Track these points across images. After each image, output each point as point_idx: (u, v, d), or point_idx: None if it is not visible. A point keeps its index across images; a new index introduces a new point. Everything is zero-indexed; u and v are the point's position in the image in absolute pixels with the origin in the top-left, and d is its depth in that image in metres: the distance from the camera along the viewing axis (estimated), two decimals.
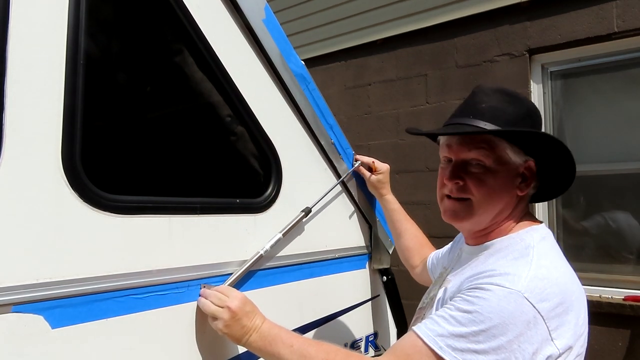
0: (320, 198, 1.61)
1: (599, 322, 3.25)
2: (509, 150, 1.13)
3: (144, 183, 1.77)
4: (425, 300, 1.34)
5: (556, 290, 1.01)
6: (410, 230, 1.81)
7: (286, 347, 1.14)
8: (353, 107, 4.62)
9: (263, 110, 1.49)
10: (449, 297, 1.14)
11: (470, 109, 1.16)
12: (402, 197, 1.87)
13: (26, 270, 0.96)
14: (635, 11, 3.25)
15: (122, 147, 1.96)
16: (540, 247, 1.10)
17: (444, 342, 0.98)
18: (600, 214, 3.53)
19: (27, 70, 0.98)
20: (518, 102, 1.17)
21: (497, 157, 1.12)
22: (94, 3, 1.13)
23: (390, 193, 1.83)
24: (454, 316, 1.00)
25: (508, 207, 1.17)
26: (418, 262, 1.77)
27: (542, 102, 3.70)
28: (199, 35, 1.32)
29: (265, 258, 1.46)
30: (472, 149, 1.13)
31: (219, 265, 1.34)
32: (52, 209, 1.01)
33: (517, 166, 1.15)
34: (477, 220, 1.17)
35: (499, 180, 1.13)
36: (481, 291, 1.01)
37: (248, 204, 1.44)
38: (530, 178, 1.16)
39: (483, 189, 1.13)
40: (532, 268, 1.02)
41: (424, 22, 4.14)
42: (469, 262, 1.20)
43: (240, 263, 1.38)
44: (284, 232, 1.47)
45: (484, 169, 1.13)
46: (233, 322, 1.17)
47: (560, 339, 0.99)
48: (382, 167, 1.81)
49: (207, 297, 1.23)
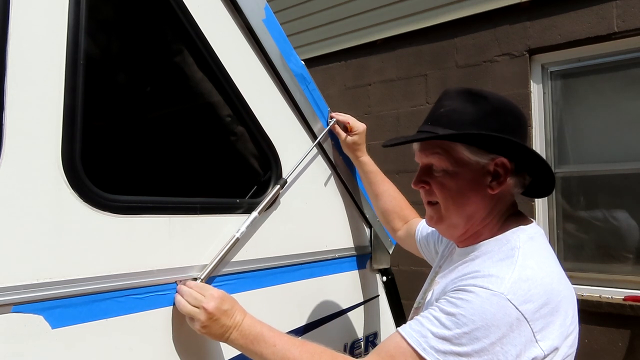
0: (295, 166, 1.55)
1: (599, 322, 3.24)
2: (465, 151, 1.12)
3: (144, 183, 1.77)
4: (420, 301, 1.34)
5: (541, 291, 1.00)
6: (389, 191, 1.76)
7: (269, 347, 1.11)
8: (353, 107, 4.62)
9: (263, 110, 1.49)
10: (435, 298, 1.14)
11: (431, 116, 1.19)
12: None
13: (26, 270, 0.96)
14: (635, 11, 3.25)
15: (122, 147, 1.96)
16: (526, 247, 1.09)
17: (427, 344, 0.99)
18: (600, 214, 3.53)
19: (27, 70, 0.98)
20: (482, 102, 1.15)
21: (455, 160, 1.13)
22: (94, 3, 1.13)
23: (366, 154, 1.77)
24: (437, 317, 1.01)
25: (482, 207, 1.16)
26: (400, 225, 1.75)
27: (542, 102, 3.70)
28: (199, 35, 1.32)
29: (266, 259, 1.46)
30: (428, 154, 1.17)
31: (219, 265, 1.33)
32: (52, 209, 1.01)
33: (483, 165, 1.13)
34: (449, 223, 1.18)
35: (460, 182, 1.14)
36: (465, 293, 1.01)
37: (248, 204, 1.44)
38: (504, 175, 1.14)
39: (445, 192, 1.15)
40: (516, 269, 1.02)
41: (424, 22, 4.14)
42: (457, 264, 1.19)
43: (240, 263, 1.38)
44: (260, 210, 1.41)
45: (444, 172, 1.15)
46: (210, 323, 1.13)
47: (545, 340, 0.99)
48: (358, 127, 1.74)
49: (183, 295, 1.18)
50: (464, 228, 1.18)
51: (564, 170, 3.65)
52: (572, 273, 3.35)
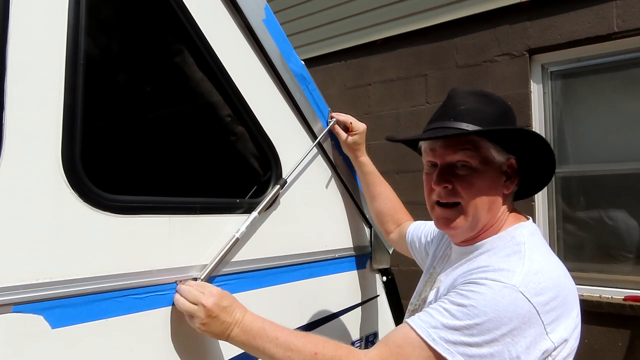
0: (295, 166, 1.55)
1: (599, 322, 3.24)
2: (492, 150, 1.13)
3: (144, 183, 1.77)
4: (417, 302, 1.33)
5: (550, 284, 1.01)
6: (385, 193, 1.77)
7: (271, 341, 1.10)
8: (353, 107, 4.62)
9: (263, 110, 1.49)
10: (442, 294, 1.14)
11: (449, 112, 1.16)
12: (402, 197, 1.86)
13: (26, 270, 0.96)
14: (635, 11, 3.25)
15: (122, 147, 1.96)
16: (531, 242, 1.11)
17: (437, 335, 0.98)
18: (600, 214, 3.53)
19: (27, 70, 0.98)
20: (494, 102, 1.18)
21: (483, 158, 1.13)
22: (94, 3, 1.13)
23: (365, 155, 1.77)
24: (448, 309, 1.01)
25: (496, 206, 1.17)
26: (393, 227, 1.75)
27: (542, 102, 3.70)
28: (198, 35, 1.32)
29: (266, 259, 1.46)
30: (457, 150, 1.13)
31: (219, 265, 1.33)
32: (52, 209, 1.01)
33: (501, 165, 1.16)
34: (470, 224, 1.16)
35: (486, 181, 1.13)
36: (476, 285, 1.01)
37: (248, 204, 1.44)
38: (513, 176, 1.18)
39: (472, 191, 1.13)
40: (525, 263, 1.03)
41: (424, 22, 4.14)
42: (460, 262, 1.20)
43: (240, 263, 1.38)
44: (260, 210, 1.41)
45: (471, 170, 1.13)
46: (210, 320, 1.12)
47: (555, 332, 1.00)
48: (359, 127, 1.74)
49: (182, 293, 1.17)
50: (479, 228, 1.17)
51: (564, 170, 3.65)
52: (572, 273, 3.31)
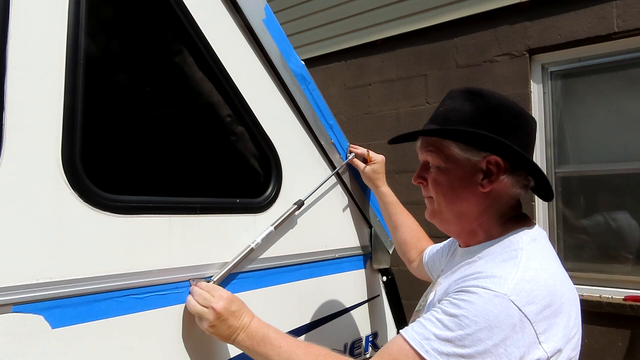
0: (313, 190, 1.60)
1: (599, 322, 3.24)
2: (455, 148, 1.14)
3: (144, 183, 1.77)
4: (422, 303, 1.34)
5: (544, 292, 0.99)
6: (407, 223, 1.78)
7: (274, 349, 1.14)
8: (353, 107, 4.62)
9: (263, 110, 1.49)
10: (437, 300, 1.14)
11: (432, 115, 1.21)
12: (402, 197, 1.86)
13: (26, 270, 0.96)
14: (635, 11, 3.25)
15: (122, 147, 1.96)
16: (530, 248, 1.08)
17: (430, 346, 0.98)
18: (600, 214, 3.53)
19: (27, 70, 0.98)
20: (479, 100, 1.15)
21: (446, 156, 1.16)
22: (94, 3, 1.13)
23: (386, 185, 1.80)
24: (440, 319, 1.00)
25: (473, 204, 1.15)
26: (415, 256, 1.75)
27: (542, 102, 3.70)
28: (199, 35, 1.32)
29: (266, 259, 1.46)
30: (424, 151, 1.21)
31: (219, 265, 1.33)
32: (52, 209, 1.01)
33: (474, 163, 1.13)
34: (442, 217, 1.21)
35: (451, 178, 1.16)
36: (467, 294, 1.00)
37: (248, 204, 1.44)
38: (496, 173, 1.13)
39: (436, 187, 1.18)
40: (519, 270, 1.01)
41: (424, 22, 4.14)
42: (459, 265, 1.19)
43: (240, 263, 1.38)
44: (276, 225, 1.45)
45: (437, 168, 1.18)
46: (218, 323, 1.16)
47: (548, 342, 0.98)
48: (376, 158, 1.79)
49: (193, 295, 1.21)
50: (457, 224, 1.20)
51: (564, 170, 3.65)
52: (573, 273, 3.33)
